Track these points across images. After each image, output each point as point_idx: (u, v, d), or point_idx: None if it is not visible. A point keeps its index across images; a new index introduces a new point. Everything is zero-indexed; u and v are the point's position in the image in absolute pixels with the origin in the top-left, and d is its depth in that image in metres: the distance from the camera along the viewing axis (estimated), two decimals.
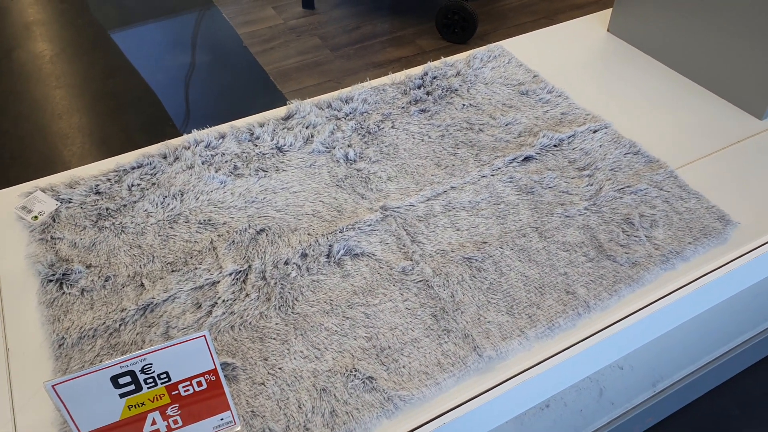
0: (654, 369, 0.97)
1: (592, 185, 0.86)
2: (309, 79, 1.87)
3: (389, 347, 0.68)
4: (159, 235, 0.81)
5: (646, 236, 0.79)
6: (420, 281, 0.75)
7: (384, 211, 0.83)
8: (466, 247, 0.79)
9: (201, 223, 0.83)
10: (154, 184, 0.88)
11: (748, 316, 1.01)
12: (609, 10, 1.20)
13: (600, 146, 0.92)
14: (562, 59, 1.13)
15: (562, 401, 0.90)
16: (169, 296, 0.73)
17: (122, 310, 0.71)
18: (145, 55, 2.02)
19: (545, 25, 1.27)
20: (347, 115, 0.99)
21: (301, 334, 0.70)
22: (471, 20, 1.90)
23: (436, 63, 1.10)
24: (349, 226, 0.81)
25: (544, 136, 0.93)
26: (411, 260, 0.77)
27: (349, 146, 0.94)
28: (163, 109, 1.79)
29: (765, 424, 1.08)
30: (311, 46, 2.01)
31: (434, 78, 1.06)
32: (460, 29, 1.93)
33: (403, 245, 0.79)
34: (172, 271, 0.76)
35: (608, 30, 1.20)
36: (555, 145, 0.92)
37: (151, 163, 0.91)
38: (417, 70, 1.08)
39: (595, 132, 0.94)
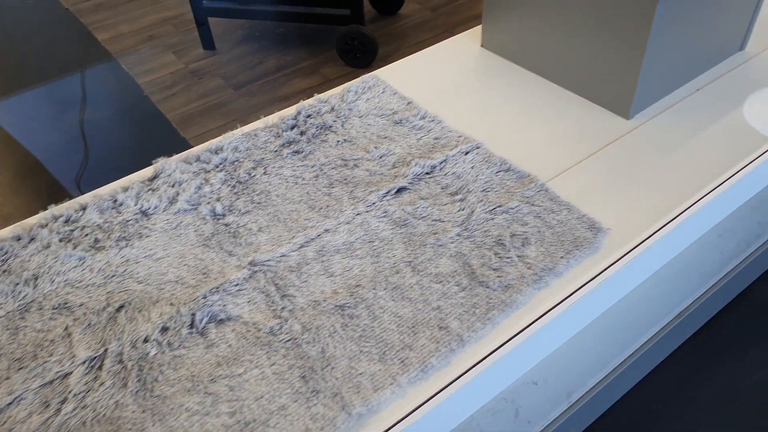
0: (566, 380, 0.96)
1: (464, 209, 0.84)
2: (212, 121, 1.83)
3: (254, 420, 0.64)
4: (8, 329, 0.75)
5: (518, 256, 0.78)
6: (288, 340, 0.71)
7: (252, 266, 0.79)
8: (339, 293, 0.76)
9: (55, 308, 0.77)
10: (5, 271, 0.82)
11: (647, 313, 1.01)
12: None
13: (472, 168, 0.91)
14: (437, 81, 1.12)
15: (478, 428, 0.87)
16: (14, 399, 0.67)
17: None
18: (37, 122, 1.93)
19: (446, 39, 1.27)
20: (216, 167, 0.95)
21: (159, 420, 0.64)
22: (370, 44, 1.90)
23: (310, 101, 1.07)
24: (214, 289, 0.76)
25: (416, 165, 0.91)
26: (280, 318, 0.73)
27: (217, 200, 0.90)
28: (59, 176, 1.71)
29: (690, 412, 1.08)
30: (213, 88, 1.97)
31: (308, 116, 1.04)
32: (361, 54, 1.93)
33: (272, 302, 0.75)
34: (19, 369, 0.70)
35: (482, 45, 1.21)
36: (427, 173, 0.91)
37: (2, 248, 0.84)
38: (290, 111, 1.06)
39: (466, 154, 0.93)
